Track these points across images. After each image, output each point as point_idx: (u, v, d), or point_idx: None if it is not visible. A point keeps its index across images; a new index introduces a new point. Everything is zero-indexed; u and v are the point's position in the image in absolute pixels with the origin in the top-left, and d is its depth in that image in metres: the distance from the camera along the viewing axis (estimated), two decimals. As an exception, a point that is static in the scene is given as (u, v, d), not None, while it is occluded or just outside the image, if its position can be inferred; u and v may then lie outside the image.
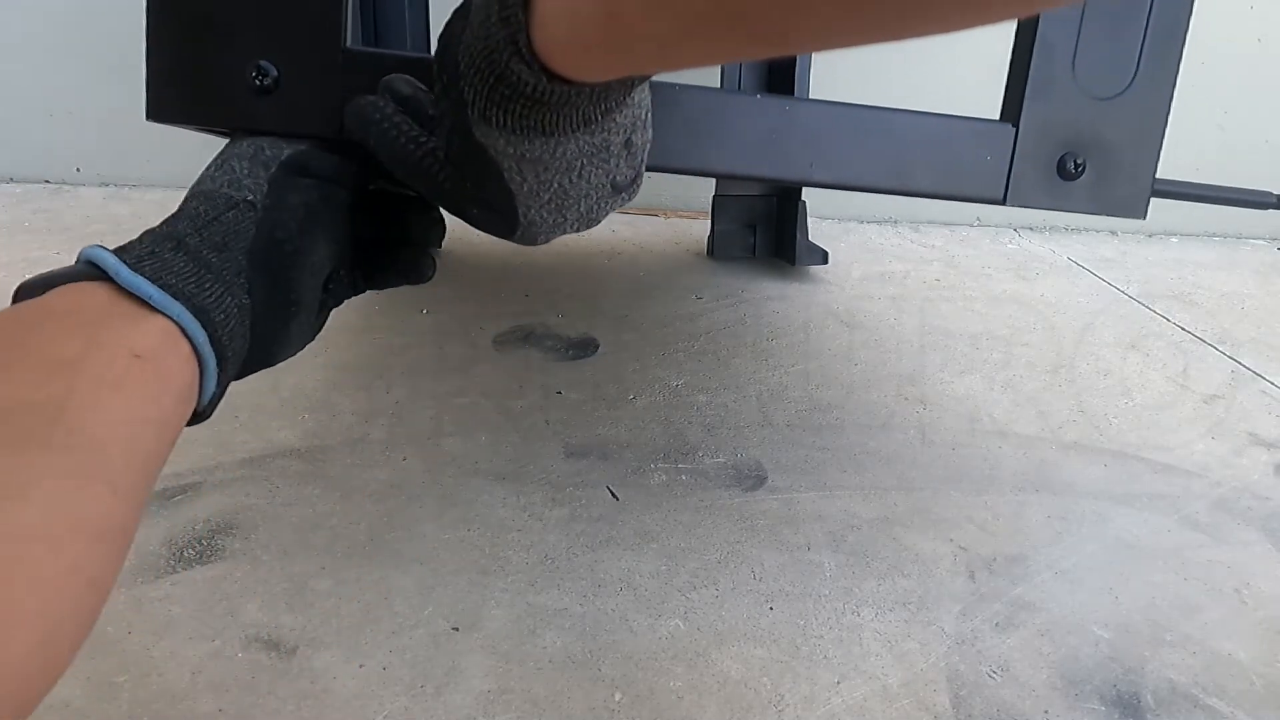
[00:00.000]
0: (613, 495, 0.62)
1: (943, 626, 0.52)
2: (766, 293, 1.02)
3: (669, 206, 1.33)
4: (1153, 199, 0.55)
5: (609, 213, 0.41)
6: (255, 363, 0.40)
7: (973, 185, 0.52)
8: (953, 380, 0.84)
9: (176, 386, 0.33)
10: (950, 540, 0.60)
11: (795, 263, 1.06)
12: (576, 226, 0.40)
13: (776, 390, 0.79)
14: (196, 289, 0.35)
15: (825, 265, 1.08)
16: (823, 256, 1.07)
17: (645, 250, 1.15)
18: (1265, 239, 1.51)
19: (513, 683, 0.46)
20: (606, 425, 0.71)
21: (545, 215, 0.39)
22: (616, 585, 0.54)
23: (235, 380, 0.39)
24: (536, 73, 0.31)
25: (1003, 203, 0.52)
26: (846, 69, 1.15)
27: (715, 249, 1.12)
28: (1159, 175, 0.54)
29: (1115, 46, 0.52)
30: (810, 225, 1.08)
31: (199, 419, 0.36)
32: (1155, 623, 0.54)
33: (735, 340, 0.89)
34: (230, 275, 0.37)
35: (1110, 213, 0.54)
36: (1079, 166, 0.52)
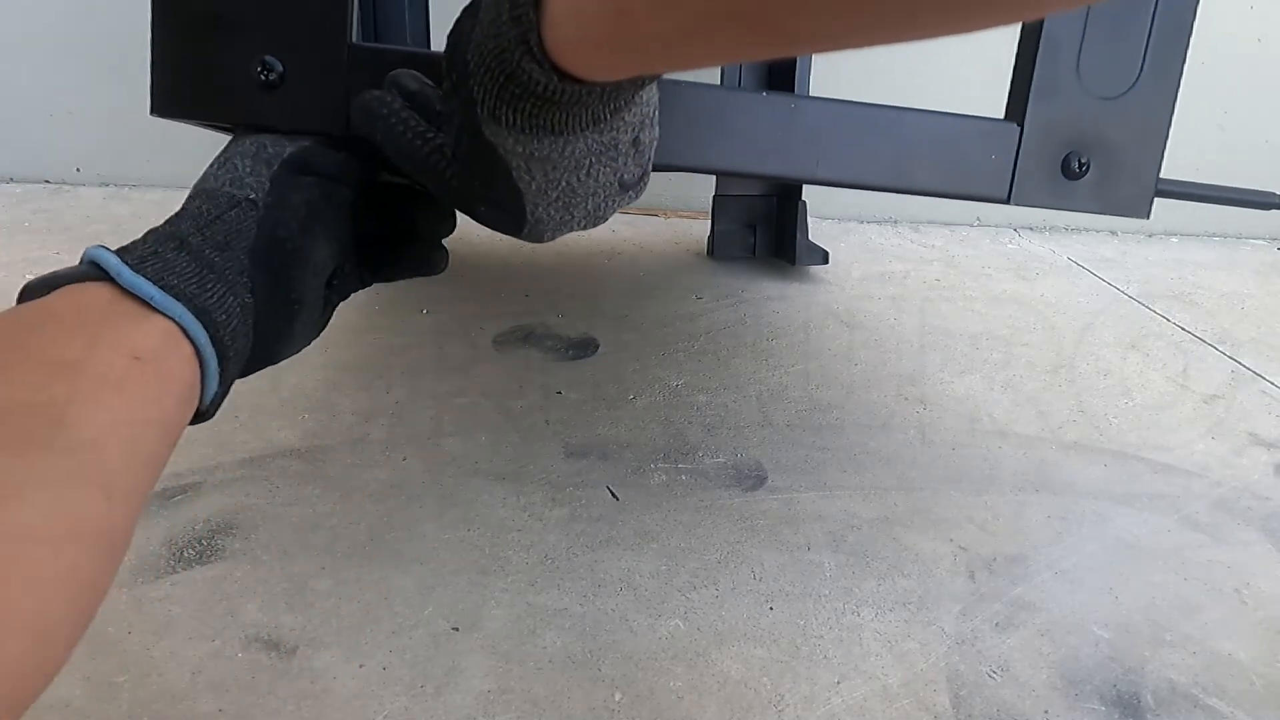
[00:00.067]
0: (613, 495, 0.62)
1: (943, 626, 0.52)
2: (766, 293, 1.02)
3: (669, 206, 1.33)
4: (1155, 199, 0.55)
5: (616, 210, 0.41)
6: (258, 361, 0.40)
7: (977, 184, 0.52)
8: (953, 380, 0.84)
9: (178, 387, 0.33)
10: (950, 540, 0.60)
11: (795, 263, 1.06)
12: (584, 224, 0.40)
13: (776, 390, 0.79)
14: (198, 289, 0.35)
15: (825, 265, 1.08)
16: (823, 256, 1.07)
17: (645, 250, 1.15)
18: (1265, 239, 1.51)
19: (513, 683, 0.46)
20: (606, 425, 0.71)
21: (553, 213, 0.39)
22: (616, 585, 0.54)
23: (239, 378, 0.39)
24: (548, 72, 0.31)
25: (1007, 202, 0.52)
26: (850, 68, 1.15)
27: (715, 249, 1.11)
28: (1161, 175, 0.54)
29: (1120, 46, 0.52)
30: (810, 225, 1.08)
31: (202, 418, 0.36)
32: (1155, 623, 0.54)
33: (735, 340, 0.89)
34: (232, 274, 0.37)
35: (1114, 212, 0.54)
36: (1083, 166, 0.52)
